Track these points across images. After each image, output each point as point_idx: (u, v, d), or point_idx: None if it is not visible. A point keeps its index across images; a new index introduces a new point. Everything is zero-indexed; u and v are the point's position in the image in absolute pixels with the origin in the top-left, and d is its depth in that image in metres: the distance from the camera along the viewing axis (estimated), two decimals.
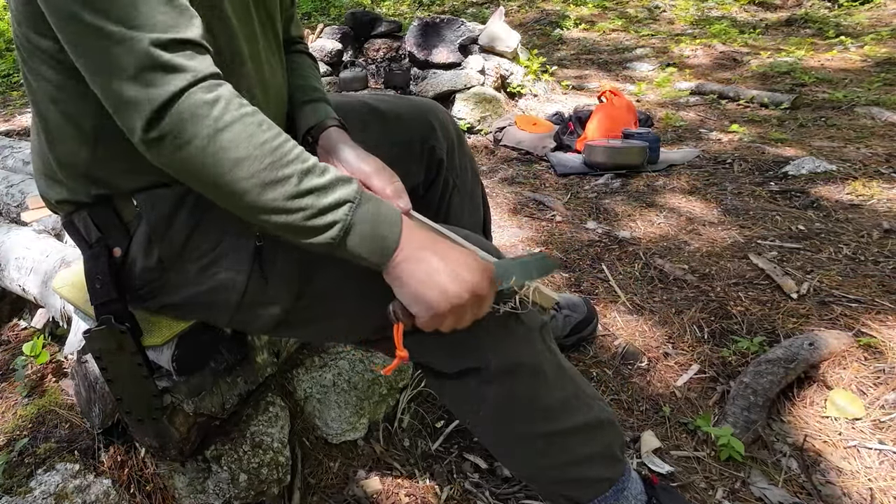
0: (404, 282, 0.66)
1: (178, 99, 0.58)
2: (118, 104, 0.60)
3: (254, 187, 0.61)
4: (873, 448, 1.10)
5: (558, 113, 3.39)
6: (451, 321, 0.67)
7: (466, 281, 0.66)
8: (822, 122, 3.02)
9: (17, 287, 1.34)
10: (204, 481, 1.00)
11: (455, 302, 0.65)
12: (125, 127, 0.61)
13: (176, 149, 0.60)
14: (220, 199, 0.65)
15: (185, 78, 0.59)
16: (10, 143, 1.95)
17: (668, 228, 2.05)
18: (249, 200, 0.62)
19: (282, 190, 0.62)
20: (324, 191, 0.64)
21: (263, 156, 0.61)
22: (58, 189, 0.78)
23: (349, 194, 0.65)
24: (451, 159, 1.15)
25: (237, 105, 0.62)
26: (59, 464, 0.96)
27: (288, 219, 0.63)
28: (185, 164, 0.61)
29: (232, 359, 1.05)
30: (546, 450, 0.83)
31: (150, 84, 0.58)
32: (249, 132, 0.61)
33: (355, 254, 0.67)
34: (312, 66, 1.03)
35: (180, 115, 0.59)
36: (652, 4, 6.64)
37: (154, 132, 0.59)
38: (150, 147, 0.61)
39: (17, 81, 5.42)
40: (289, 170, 0.62)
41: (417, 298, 0.66)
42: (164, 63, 0.58)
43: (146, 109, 0.58)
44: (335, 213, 0.64)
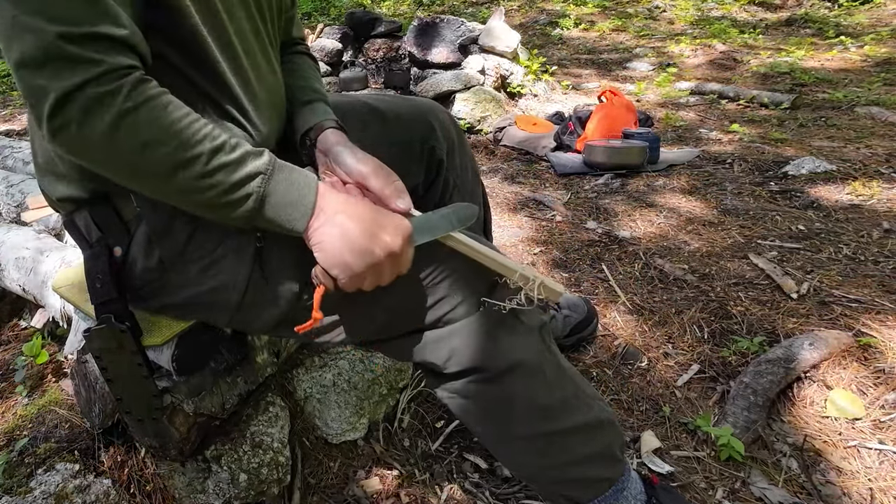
0: (322, 246, 0.68)
1: (80, 90, 0.58)
2: (26, 93, 0.60)
3: (162, 170, 0.62)
4: (873, 448, 1.10)
5: (558, 113, 3.39)
6: (370, 280, 0.70)
7: (381, 239, 0.68)
8: (822, 122, 3.02)
9: (17, 287, 1.34)
10: (204, 481, 1.00)
11: (370, 261, 0.68)
12: (34, 116, 0.62)
13: (80, 138, 0.60)
14: (133, 185, 0.66)
15: (90, 70, 0.59)
16: (10, 142, 1.94)
17: (668, 228, 2.05)
18: (160, 183, 0.64)
19: (192, 170, 0.63)
20: (234, 166, 0.65)
21: (170, 138, 0.62)
22: (58, 185, 0.78)
23: (260, 166, 0.66)
24: (452, 159, 1.15)
25: (142, 90, 0.61)
26: (59, 464, 0.96)
27: (202, 197, 0.65)
28: (91, 153, 0.62)
29: (232, 359, 1.05)
30: (546, 450, 0.83)
31: (53, 75, 0.58)
32: (154, 115, 0.61)
33: (273, 223, 0.68)
34: (313, 66, 1.03)
35: (82, 104, 0.59)
36: (652, 4, 6.64)
37: (56, 121, 0.59)
38: (53, 137, 0.61)
39: None
40: (197, 150, 0.63)
41: (335, 261, 0.68)
42: (69, 55, 0.58)
43: (50, 99, 0.58)
44: (248, 187, 0.65)
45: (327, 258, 0.68)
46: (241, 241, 0.76)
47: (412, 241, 0.72)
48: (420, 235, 0.74)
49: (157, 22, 0.67)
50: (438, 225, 0.77)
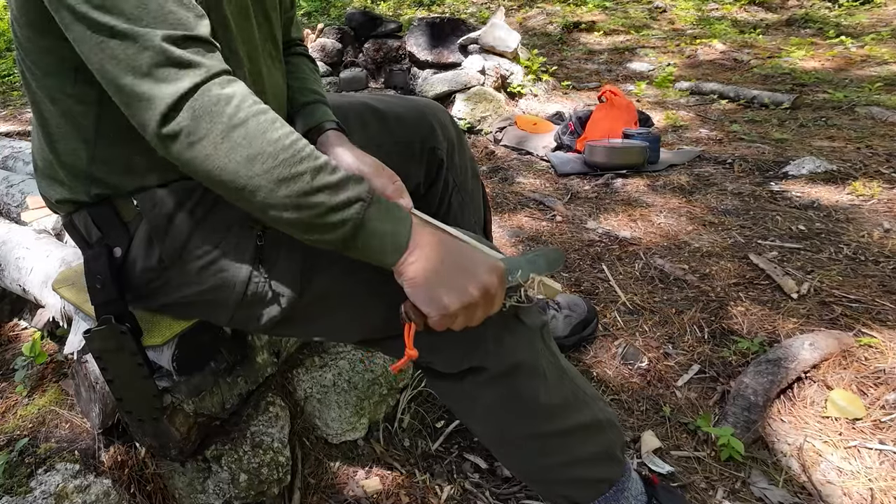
0: (416, 282, 0.66)
1: (192, 94, 0.59)
2: (131, 101, 0.60)
3: (267, 184, 0.61)
4: (874, 448, 1.10)
5: (558, 113, 3.39)
6: (462, 320, 0.68)
7: (478, 279, 0.66)
8: (823, 123, 3.02)
9: (17, 287, 1.34)
10: (204, 481, 1.00)
11: (467, 301, 0.66)
12: (138, 123, 0.62)
13: (190, 145, 0.60)
14: (232, 196, 0.65)
15: (198, 74, 0.59)
16: (10, 143, 1.94)
17: (668, 228, 2.05)
18: (262, 197, 0.62)
19: (295, 187, 0.62)
20: (336, 188, 0.64)
21: (277, 152, 0.61)
22: (58, 189, 0.78)
23: (361, 193, 0.65)
24: (452, 159, 1.15)
25: (251, 102, 0.62)
26: (59, 464, 0.96)
27: (300, 215, 0.63)
28: (199, 160, 0.61)
29: (232, 359, 1.05)
30: (546, 450, 0.83)
31: (163, 80, 0.58)
32: (263, 128, 0.61)
33: (366, 253, 0.67)
34: (312, 68, 1.03)
35: (195, 110, 0.59)
36: (652, 5, 6.64)
37: (168, 128, 0.59)
38: (163, 143, 0.61)
39: (18, 81, 5.42)
40: (302, 167, 0.62)
41: (429, 298, 0.66)
42: (178, 59, 0.58)
43: (161, 105, 0.58)
44: (347, 211, 0.64)
45: (420, 295, 0.66)
46: (241, 239, 0.76)
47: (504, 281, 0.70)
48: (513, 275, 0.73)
49: None
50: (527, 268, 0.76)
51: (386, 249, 0.67)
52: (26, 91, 0.75)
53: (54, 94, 0.71)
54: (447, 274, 0.66)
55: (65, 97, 0.71)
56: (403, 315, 0.69)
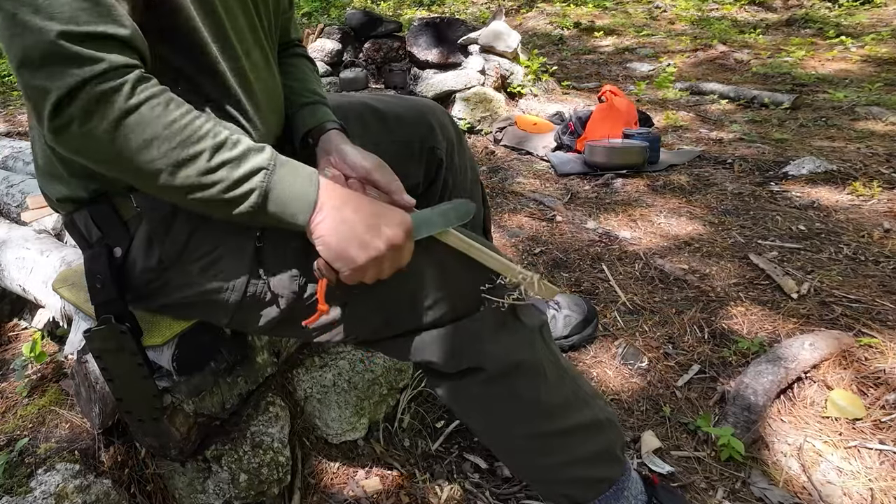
0: (325, 239, 0.68)
1: (82, 88, 0.58)
2: (27, 92, 0.60)
3: (166, 167, 0.62)
4: (874, 448, 1.10)
5: (558, 113, 3.38)
6: (372, 273, 0.70)
7: (383, 233, 0.69)
8: (823, 123, 3.02)
9: (17, 287, 1.34)
10: (204, 481, 1.00)
11: (373, 254, 0.68)
12: (34, 115, 0.61)
13: (82, 136, 0.60)
14: (136, 182, 0.66)
15: (91, 69, 0.58)
16: (11, 143, 1.94)
17: (668, 228, 2.05)
18: (164, 180, 0.63)
19: (194, 166, 0.63)
20: (237, 162, 0.65)
21: (172, 135, 0.62)
22: (58, 186, 0.78)
23: (262, 161, 0.66)
24: (451, 159, 1.15)
25: (143, 88, 0.61)
26: (59, 464, 0.96)
27: (205, 194, 0.64)
28: (94, 152, 0.62)
29: (232, 359, 1.05)
30: (546, 449, 0.83)
31: (55, 73, 0.58)
32: (156, 113, 0.61)
33: (276, 218, 0.68)
34: (311, 68, 1.03)
35: (84, 103, 0.58)
36: (652, 4, 6.63)
37: (59, 120, 0.59)
38: (56, 136, 0.61)
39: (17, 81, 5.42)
40: (199, 146, 0.63)
41: (338, 254, 0.68)
42: (71, 54, 0.58)
43: (52, 98, 0.58)
44: (251, 182, 0.65)
45: (330, 251, 0.69)
46: (240, 240, 0.76)
47: (413, 234, 0.73)
48: (419, 230, 0.75)
49: (158, 23, 0.67)
50: (438, 221, 0.77)
51: (294, 213, 0.68)
52: None
53: None
54: (355, 229, 0.68)
55: None
56: (316, 271, 0.71)
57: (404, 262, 0.73)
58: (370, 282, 0.71)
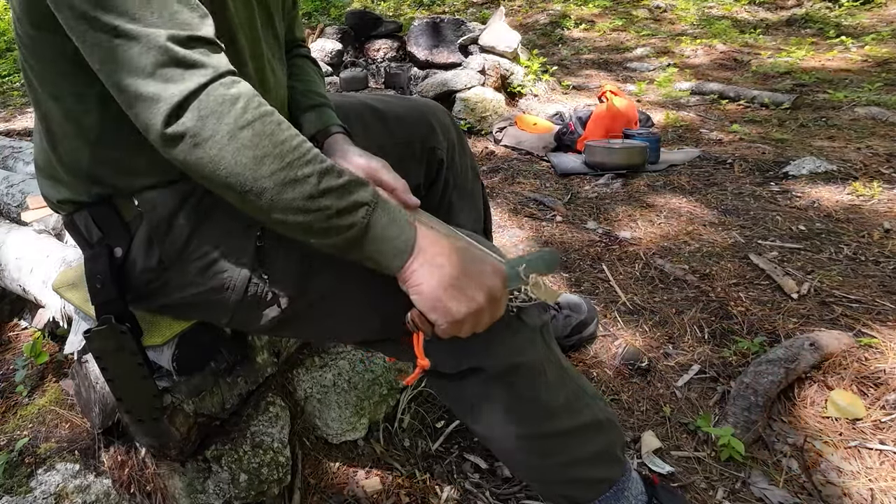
0: (421, 289, 0.66)
1: (198, 95, 0.58)
2: (135, 101, 0.59)
3: (273, 186, 0.61)
4: (874, 448, 1.10)
5: (559, 113, 3.38)
6: (469, 326, 0.67)
7: (483, 284, 0.66)
8: (823, 123, 3.02)
9: (17, 287, 1.34)
10: (204, 481, 1.00)
11: (474, 307, 0.65)
12: (142, 124, 0.61)
13: (195, 146, 0.59)
14: (237, 198, 0.64)
15: (204, 74, 0.59)
16: (11, 142, 1.94)
17: (668, 228, 2.05)
18: (268, 199, 0.62)
19: (301, 189, 0.61)
20: (342, 191, 0.63)
21: (283, 154, 0.61)
22: (59, 188, 0.78)
23: (367, 197, 0.65)
24: (452, 159, 1.15)
25: (257, 103, 0.61)
26: (59, 464, 0.96)
27: (306, 219, 0.63)
28: (204, 162, 0.60)
29: (232, 359, 1.05)
30: (547, 450, 0.83)
31: (168, 80, 0.58)
32: (269, 130, 0.61)
33: (370, 257, 0.66)
34: (316, 71, 1.04)
35: (200, 111, 0.58)
36: (653, 4, 6.63)
37: (173, 129, 0.59)
38: (168, 144, 0.60)
39: (18, 81, 5.42)
40: (308, 169, 0.62)
41: (436, 306, 0.65)
42: (183, 59, 0.58)
43: (165, 105, 0.58)
44: (353, 216, 0.64)
45: (427, 302, 0.66)
46: (240, 241, 0.76)
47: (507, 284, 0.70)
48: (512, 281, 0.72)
49: None
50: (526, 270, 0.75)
51: (389, 254, 0.66)
52: (28, 90, 0.75)
53: (56, 94, 0.71)
54: (452, 280, 0.65)
55: (67, 96, 0.71)
56: (410, 323, 0.68)
57: (500, 314, 0.70)
58: (465, 335, 0.68)
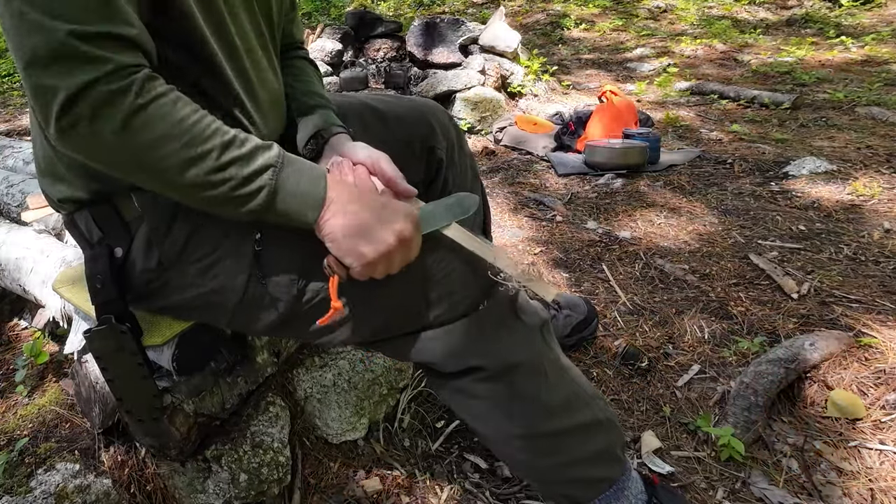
0: (334, 236, 0.68)
1: (91, 88, 0.58)
2: (33, 91, 0.59)
3: (174, 166, 0.62)
4: (874, 448, 1.10)
5: (559, 113, 3.38)
6: (382, 268, 0.70)
7: (391, 226, 0.69)
8: (823, 123, 3.02)
9: (17, 287, 1.34)
10: (204, 481, 1.00)
11: (383, 249, 0.68)
12: (39, 116, 0.60)
13: (90, 136, 0.59)
14: (145, 182, 0.65)
15: (100, 68, 0.58)
16: (11, 142, 1.95)
17: (668, 228, 2.05)
18: (171, 179, 0.63)
19: (203, 165, 0.63)
20: (245, 160, 0.65)
21: (181, 133, 0.61)
22: (60, 186, 0.78)
23: (271, 159, 0.66)
24: (451, 159, 1.15)
25: (151, 87, 0.61)
26: (59, 463, 0.96)
27: (214, 192, 0.64)
28: (101, 152, 0.61)
29: (232, 359, 1.05)
30: (547, 449, 0.83)
31: (63, 73, 0.57)
32: (164, 111, 0.61)
33: (285, 215, 0.68)
34: (315, 72, 1.04)
35: (92, 102, 0.58)
36: (653, 4, 6.63)
37: (66, 120, 0.58)
38: (63, 136, 0.60)
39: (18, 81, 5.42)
40: (208, 144, 0.63)
41: (348, 250, 0.68)
42: (80, 53, 0.57)
43: (59, 98, 0.57)
44: (259, 179, 0.65)
45: (340, 247, 0.69)
46: (239, 243, 0.76)
47: (420, 228, 0.73)
48: (426, 224, 0.75)
49: (163, 25, 0.67)
50: (443, 214, 0.78)
51: (303, 210, 0.68)
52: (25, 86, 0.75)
53: None
54: (363, 225, 0.68)
55: None
56: (326, 268, 0.71)
57: (413, 256, 0.73)
58: (380, 277, 0.71)
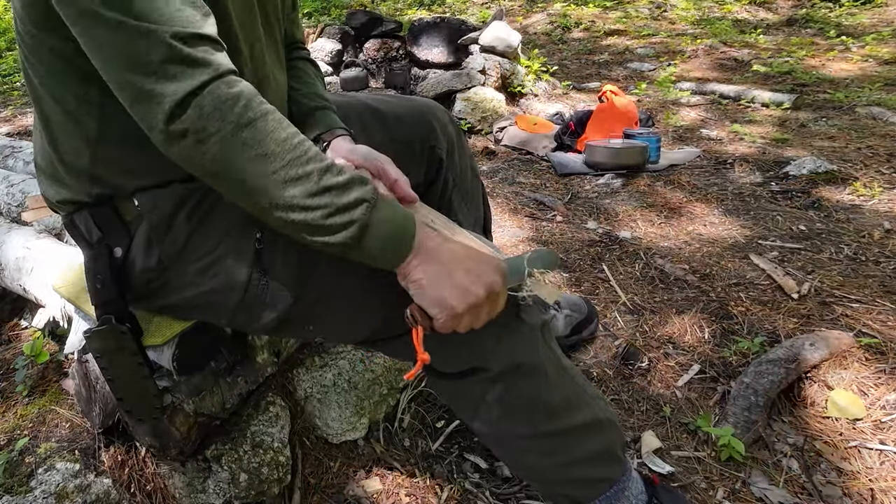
0: (421, 284, 0.66)
1: (200, 92, 0.58)
2: (138, 98, 0.59)
3: (274, 184, 0.61)
4: (874, 448, 1.10)
5: (559, 113, 3.38)
6: (468, 321, 0.67)
7: (482, 279, 0.66)
8: (823, 123, 3.02)
9: (17, 287, 1.34)
10: (204, 481, 1.00)
11: (472, 301, 0.66)
12: (144, 121, 0.61)
13: (197, 143, 0.59)
14: (238, 196, 0.64)
15: (206, 72, 0.59)
16: (11, 143, 1.95)
17: (668, 228, 2.05)
18: (269, 197, 0.62)
19: (302, 187, 0.62)
20: (342, 189, 0.64)
21: (285, 152, 0.61)
22: (59, 188, 0.78)
23: (366, 194, 0.65)
24: (451, 159, 1.15)
25: (258, 101, 0.62)
26: (59, 463, 0.96)
27: (306, 216, 0.63)
28: (206, 160, 0.61)
29: (232, 358, 1.05)
30: (547, 449, 0.83)
31: (172, 77, 0.58)
32: (272, 128, 0.61)
33: (370, 254, 0.66)
34: (317, 73, 1.04)
35: (202, 108, 0.58)
36: (653, 4, 6.63)
37: (176, 126, 0.59)
38: (170, 141, 0.60)
39: (18, 81, 5.42)
40: (309, 167, 0.62)
41: (435, 300, 0.66)
42: (186, 56, 0.58)
43: (168, 102, 0.58)
44: (352, 213, 0.64)
45: (427, 297, 0.66)
46: (239, 242, 0.76)
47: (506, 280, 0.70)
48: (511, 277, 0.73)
49: None
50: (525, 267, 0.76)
51: (389, 251, 0.66)
52: (29, 89, 0.75)
53: (57, 93, 0.71)
54: (452, 275, 0.65)
55: (67, 96, 0.71)
56: (409, 318, 0.68)
57: (500, 310, 0.70)
58: (463, 331, 0.69)
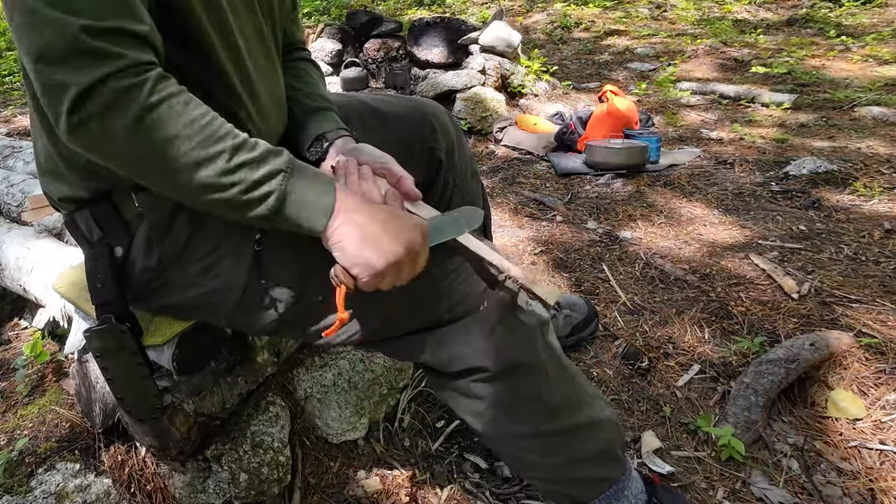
0: (343, 245, 0.68)
1: (102, 84, 0.57)
2: (44, 87, 0.59)
3: (185, 166, 0.61)
4: (874, 448, 1.10)
5: (559, 113, 3.38)
6: (389, 279, 0.69)
7: (402, 238, 0.68)
8: (823, 123, 3.02)
9: (17, 287, 1.35)
10: (204, 481, 1.00)
11: (392, 259, 0.67)
12: (49, 112, 0.60)
13: (101, 134, 0.59)
14: (153, 182, 0.65)
15: (113, 64, 0.58)
16: (11, 142, 1.95)
17: (668, 228, 2.05)
18: (182, 180, 0.62)
19: (214, 166, 0.62)
20: (256, 164, 0.64)
21: (192, 134, 0.61)
22: (60, 185, 0.78)
23: (281, 164, 0.66)
24: (451, 159, 1.15)
25: (163, 86, 0.61)
26: (59, 463, 0.96)
27: (223, 195, 0.63)
28: (112, 150, 0.61)
29: (232, 358, 1.05)
30: (547, 449, 0.83)
31: (76, 68, 0.57)
32: (177, 111, 0.61)
33: (293, 222, 0.67)
34: (318, 74, 1.04)
35: (104, 99, 0.57)
36: (653, 4, 6.63)
37: (77, 116, 0.58)
38: (73, 133, 0.59)
39: (18, 81, 5.42)
40: (219, 146, 0.62)
41: (357, 259, 0.67)
42: (93, 49, 0.57)
43: (70, 94, 0.57)
44: (269, 184, 0.65)
45: (348, 257, 0.68)
46: (239, 243, 0.76)
47: (428, 240, 0.72)
48: (433, 236, 0.74)
49: (165, 23, 0.67)
50: (450, 227, 0.77)
51: (311, 217, 0.67)
52: (26, 84, 0.75)
53: None
54: (372, 235, 0.67)
55: None
56: (333, 278, 0.70)
57: (421, 268, 0.72)
58: (387, 288, 0.70)
